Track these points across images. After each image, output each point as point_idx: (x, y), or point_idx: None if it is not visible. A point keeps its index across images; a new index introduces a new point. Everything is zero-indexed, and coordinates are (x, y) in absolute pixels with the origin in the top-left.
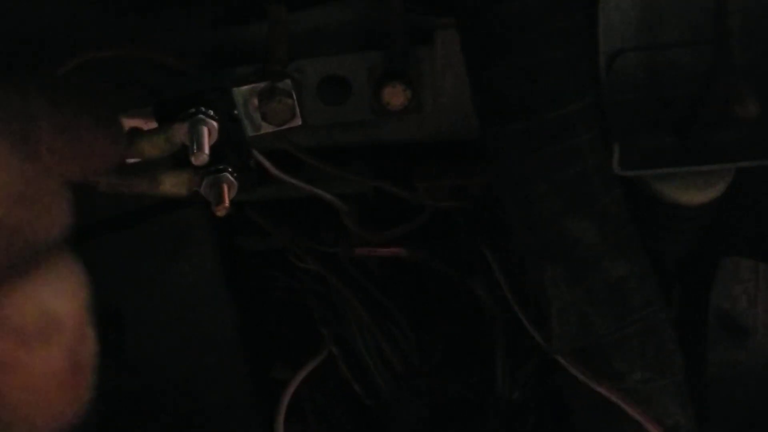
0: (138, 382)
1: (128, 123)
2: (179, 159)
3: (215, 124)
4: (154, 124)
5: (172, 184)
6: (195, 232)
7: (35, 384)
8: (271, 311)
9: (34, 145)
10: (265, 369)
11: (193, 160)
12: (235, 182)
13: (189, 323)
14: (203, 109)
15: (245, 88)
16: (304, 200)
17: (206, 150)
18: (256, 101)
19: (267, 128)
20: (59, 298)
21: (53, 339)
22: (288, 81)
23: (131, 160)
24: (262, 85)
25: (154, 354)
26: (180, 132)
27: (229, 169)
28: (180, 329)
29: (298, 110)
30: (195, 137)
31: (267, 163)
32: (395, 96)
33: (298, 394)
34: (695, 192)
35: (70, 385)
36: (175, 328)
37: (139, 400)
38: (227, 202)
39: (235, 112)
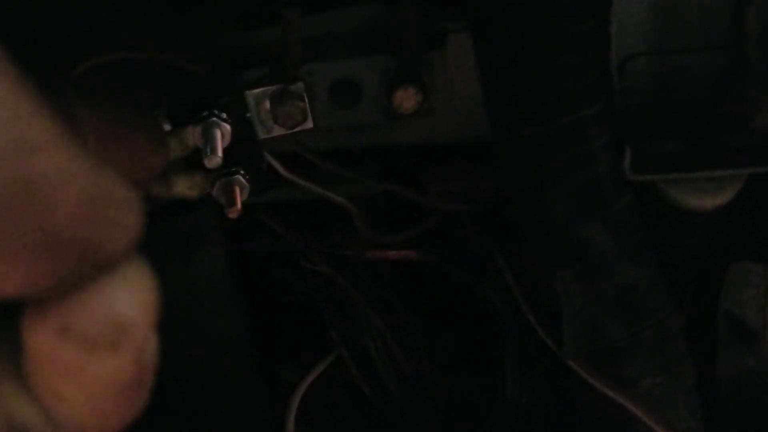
0: None
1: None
2: (192, 161)
3: (228, 126)
4: (167, 128)
5: (185, 186)
6: (206, 234)
7: (99, 391)
8: (281, 313)
9: (84, 143)
10: (274, 371)
11: (206, 162)
12: (246, 184)
13: (199, 325)
14: (216, 111)
15: (258, 90)
16: (314, 203)
17: (219, 153)
18: (268, 104)
19: (278, 131)
20: (129, 304)
21: (122, 346)
22: (300, 84)
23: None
24: (274, 88)
25: (163, 355)
26: (193, 135)
27: (241, 172)
28: (190, 330)
29: (309, 113)
30: (208, 140)
31: (278, 166)
32: (407, 99)
33: (307, 395)
34: (706, 197)
35: (133, 392)
36: (185, 330)
37: (148, 400)
38: (239, 205)
39: (248, 114)
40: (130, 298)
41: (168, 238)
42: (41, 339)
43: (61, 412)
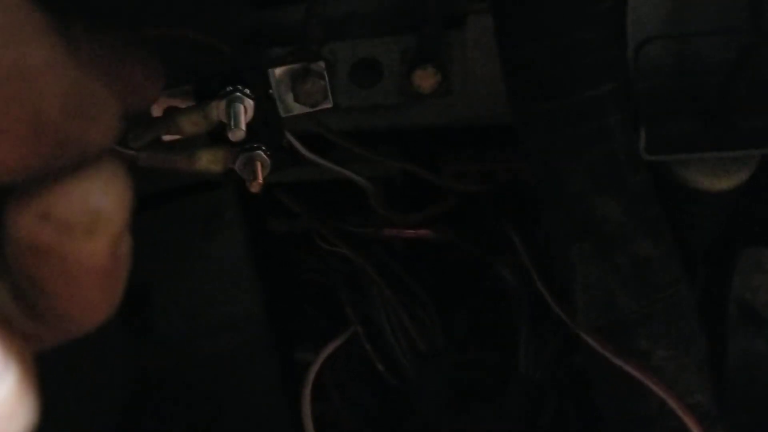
0: (164, 361)
1: (167, 102)
2: (216, 136)
3: (251, 102)
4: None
5: (209, 161)
6: (226, 213)
7: (76, 275)
8: (298, 293)
9: (77, 51)
10: (290, 349)
11: (230, 136)
12: (268, 160)
13: (217, 303)
14: (240, 87)
15: (280, 69)
16: (332, 182)
17: (243, 126)
18: (289, 82)
19: (299, 109)
20: (106, 196)
21: (97, 233)
22: (321, 63)
23: (169, 137)
24: (296, 66)
25: (181, 332)
26: (217, 109)
27: (263, 148)
28: (208, 308)
29: (330, 92)
30: (232, 114)
31: (298, 144)
32: (426, 79)
33: (321, 373)
34: (719, 178)
35: (108, 280)
36: (203, 307)
37: (164, 378)
38: (261, 179)
39: (271, 91)
40: (106, 191)
41: (188, 217)
42: (23, 224)
43: (40, 300)
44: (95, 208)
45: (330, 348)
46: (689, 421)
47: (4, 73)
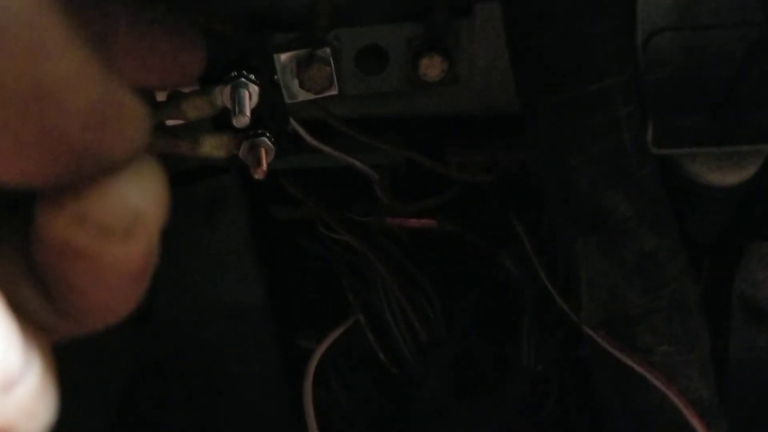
0: (166, 346)
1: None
2: (220, 122)
3: (256, 88)
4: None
5: (213, 146)
6: (229, 199)
7: (109, 277)
8: (301, 280)
9: (111, 48)
10: (292, 337)
11: (234, 122)
12: (272, 147)
13: (219, 289)
14: (245, 72)
15: (285, 54)
16: (336, 170)
17: (247, 112)
18: (294, 68)
19: (304, 95)
20: (143, 197)
21: (135, 236)
22: (327, 49)
23: (172, 122)
24: (301, 52)
25: (182, 318)
26: (222, 94)
27: (267, 134)
28: (210, 295)
29: (335, 79)
30: (236, 100)
31: (303, 131)
32: (432, 67)
33: (323, 361)
34: (726, 173)
35: (137, 282)
36: (205, 293)
37: (166, 363)
38: (265, 166)
39: (276, 77)
40: (144, 192)
41: (192, 202)
42: (58, 226)
43: (69, 300)
44: (134, 211)
45: (332, 336)
46: (691, 417)
47: (23, 92)
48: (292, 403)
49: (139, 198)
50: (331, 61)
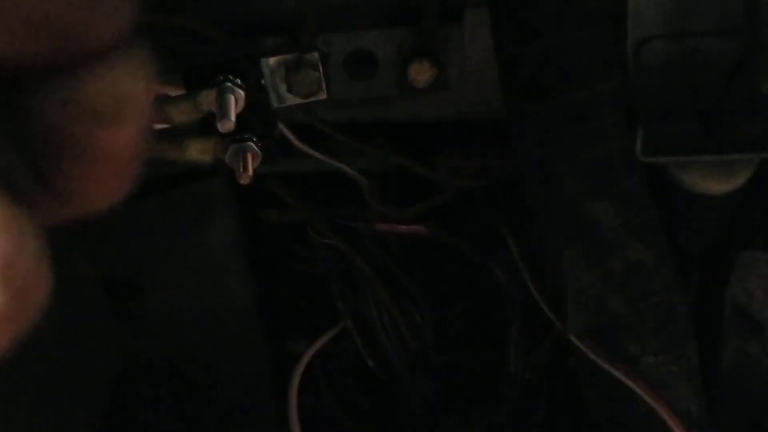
0: (155, 348)
1: (157, 90)
2: (206, 126)
3: (242, 92)
4: (182, 92)
5: (198, 151)
6: (218, 203)
7: (100, 162)
8: (290, 284)
9: None
10: (280, 341)
11: (219, 126)
12: (259, 152)
13: (208, 292)
14: (231, 77)
15: (274, 58)
16: (325, 175)
17: (232, 117)
18: (283, 72)
19: (292, 100)
20: (133, 80)
21: (125, 119)
22: (315, 54)
23: (159, 126)
24: (290, 56)
25: (172, 321)
26: (207, 99)
27: (254, 139)
28: (199, 298)
29: (324, 83)
30: (222, 104)
31: (291, 136)
32: (421, 73)
33: (312, 367)
34: (716, 181)
35: (130, 167)
36: (195, 297)
37: (155, 365)
38: (251, 171)
39: (263, 81)
40: (133, 77)
41: (181, 206)
42: (47, 111)
43: (60, 184)
44: (125, 95)
45: (320, 342)
46: (677, 428)
47: None
48: (280, 407)
49: (129, 82)
50: (320, 66)
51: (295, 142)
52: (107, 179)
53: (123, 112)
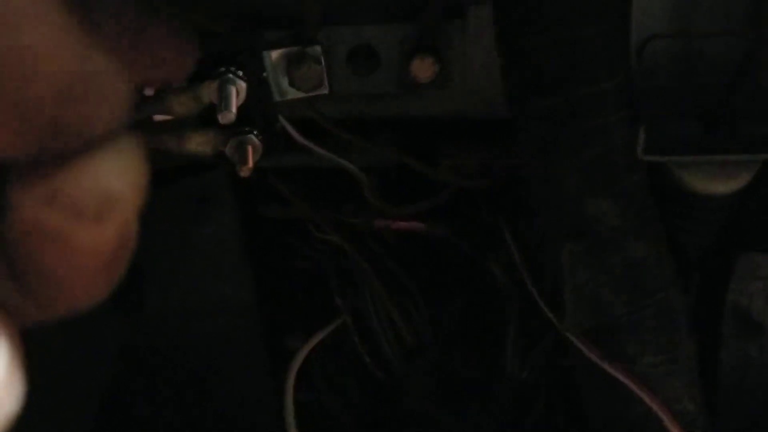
0: (153, 342)
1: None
2: (206, 118)
3: (244, 85)
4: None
5: (198, 143)
6: (218, 197)
7: (80, 260)
8: (288, 280)
9: (95, 24)
10: (278, 337)
11: (219, 118)
12: (260, 145)
13: (206, 286)
14: (233, 69)
15: (276, 52)
16: (325, 171)
17: (233, 109)
18: (285, 66)
19: (294, 94)
20: (118, 179)
21: (108, 218)
22: (318, 47)
23: (159, 117)
24: (292, 49)
25: (170, 314)
26: (208, 90)
27: (255, 132)
28: (197, 291)
29: (326, 78)
30: (223, 96)
31: (292, 130)
32: (423, 69)
33: (309, 363)
34: (718, 182)
35: (114, 264)
36: (193, 291)
37: (152, 359)
38: (251, 164)
39: (264, 74)
40: (119, 174)
41: (180, 199)
42: (28, 205)
43: (37, 282)
44: (106, 192)
45: (318, 337)
46: (675, 428)
47: None
48: (278, 402)
49: (114, 179)
50: (322, 60)
51: (296, 136)
52: (84, 279)
53: (105, 211)
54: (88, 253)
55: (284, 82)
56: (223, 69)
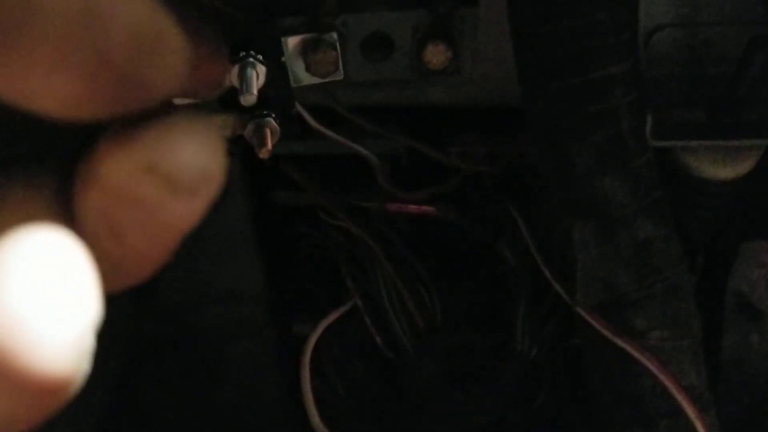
0: (163, 328)
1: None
2: (226, 102)
3: (264, 68)
4: None
5: (218, 126)
6: (229, 184)
7: (166, 233)
8: (298, 267)
9: None
10: (288, 323)
11: (241, 100)
12: (278, 128)
13: (217, 273)
14: (253, 53)
15: (293, 38)
16: (337, 157)
17: (254, 91)
18: (301, 52)
19: (310, 80)
20: (210, 155)
21: (199, 195)
22: (333, 34)
23: (180, 101)
24: (309, 36)
25: (181, 301)
26: (229, 74)
27: (273, 116)
28: (208, 278)
29: (341, 64)
30: (244, 79)
31: (307, 115)
32: (436, 55)
33: (318, 348)
34: (723, 167)
35: (177, 241)
36: (204, 277)
37: (163, 345)
38: (270, 146)
39: (283, 59)
40: (212, 152)
41: None
42: (122, 173)
43: (105, 247)
44: (202, 168)
45: (330, 318)
46: (683, 402)
47: (70, 5)
48: (288, 388)
49: (209, 158)
50: (338, 46)
51: (311, 121)
52: (154, 249)
53: (198, 187)
54: (173, 226)
55: (300, 67)
56: (243, 53)
